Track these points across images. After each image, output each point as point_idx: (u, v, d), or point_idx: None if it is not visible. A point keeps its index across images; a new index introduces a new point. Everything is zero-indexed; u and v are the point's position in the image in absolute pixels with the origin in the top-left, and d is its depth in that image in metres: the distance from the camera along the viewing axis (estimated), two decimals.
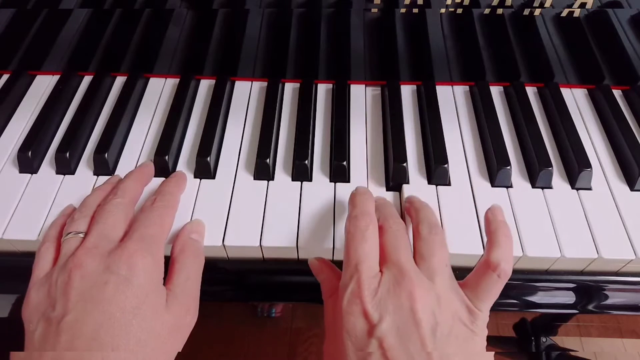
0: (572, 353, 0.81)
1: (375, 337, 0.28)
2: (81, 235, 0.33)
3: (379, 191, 0.43)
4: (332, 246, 0.38)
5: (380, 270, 0.31)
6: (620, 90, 0.52)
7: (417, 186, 0.43)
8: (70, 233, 0.33)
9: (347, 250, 0.32)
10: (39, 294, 0.30)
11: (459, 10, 0.46)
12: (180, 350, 0.32)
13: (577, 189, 0.43)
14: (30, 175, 0.44)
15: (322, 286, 0.36)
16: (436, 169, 0.42)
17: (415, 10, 0.46)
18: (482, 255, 0.33)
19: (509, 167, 0.43)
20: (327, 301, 0.35)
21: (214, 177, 0.43)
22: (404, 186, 0.42)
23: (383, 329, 0.28)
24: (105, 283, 0.29)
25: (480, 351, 0.30)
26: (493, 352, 0.31)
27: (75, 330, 0.28)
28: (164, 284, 0.33)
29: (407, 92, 0.52)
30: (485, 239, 0.38)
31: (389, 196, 0.42)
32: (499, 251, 0.32)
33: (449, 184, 0.43)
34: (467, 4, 0.45)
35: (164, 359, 0.31)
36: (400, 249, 0.32)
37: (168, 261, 0.35)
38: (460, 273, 0.35)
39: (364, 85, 0.52)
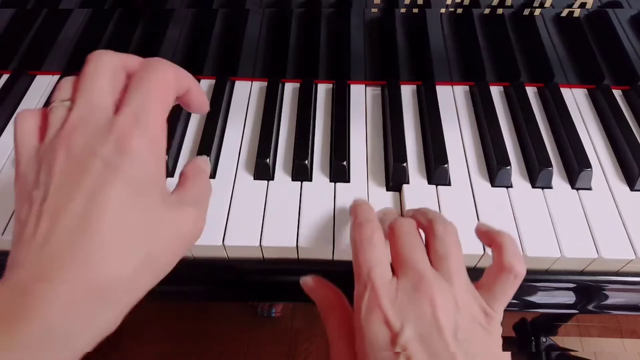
0: (572, 353, 0.81)
1: (399, 344, 0.28)
2: (67, 104, 0.28)
3: (379, 191, 0.43)
4: (332, 246, 0.38)
5: (396, 274, 0.31)
6: (620, 90, 0.52)
7: (417, 186, 0.43)
8: (54, 102, 0.28)
9: (356, 258, 0.31)
10: (28, 170, 0.27)
11: (459, 10, 0.46)
12: (181, 256, 0.29)
13: (577, 189, 0.43)
14: None
15: (319, 305, 0.35)
16: (436, 169, 0.42)
17: (415, 10, 0.46)
18: (492, 258, 0.34)
19: (509, 167, 0.43)
20: (330, 316, 0.34)
21: (213, 177, 0.43)
22: (404, 186, 0.42)
23: (406, 336, 0.28)
24: (90, 168, 0.25)
25: (497, 352, 0.30)
26: (509, 353, 0.31)
27: (58, 215, 0.25)
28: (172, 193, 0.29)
29: (407, 92, 0.52)
30: None
31: (389, 196, 0.42)
32: (509, 253, 0.32)
33: (449, 184, 0.43)
34: (467, 4, 0.46)
35: (162, 260, 0.27)
36: (416, 251, 0.31)
37: None
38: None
39: (364, 85, 0.52)
